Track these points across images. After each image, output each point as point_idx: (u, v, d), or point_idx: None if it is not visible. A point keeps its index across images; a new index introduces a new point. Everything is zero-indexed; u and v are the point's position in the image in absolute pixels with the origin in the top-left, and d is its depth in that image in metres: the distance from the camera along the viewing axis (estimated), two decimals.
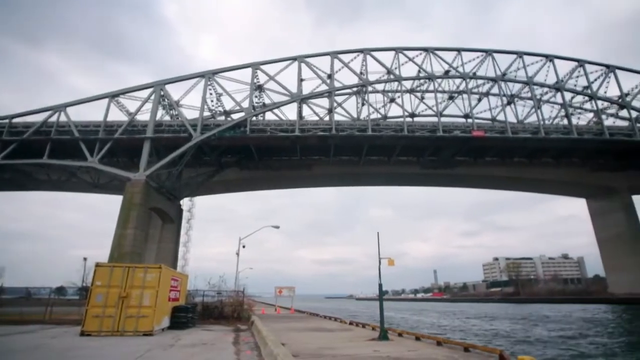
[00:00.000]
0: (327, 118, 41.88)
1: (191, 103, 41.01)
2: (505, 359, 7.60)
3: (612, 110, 46.31)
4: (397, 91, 44.37)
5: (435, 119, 42.26)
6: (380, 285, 13.12)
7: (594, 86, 45.89)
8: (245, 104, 40.35)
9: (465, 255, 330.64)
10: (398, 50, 45.12)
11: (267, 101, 42.43)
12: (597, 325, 25.89)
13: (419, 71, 45.08)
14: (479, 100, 46.53)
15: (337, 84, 42.71)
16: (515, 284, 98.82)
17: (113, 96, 39.50)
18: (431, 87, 44.56)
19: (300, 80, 42.35)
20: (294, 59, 43.34)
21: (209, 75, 40.82)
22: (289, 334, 13.82)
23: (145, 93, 39.80)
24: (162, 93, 39.58)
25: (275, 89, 41.38)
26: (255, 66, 42.18)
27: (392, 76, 44.01)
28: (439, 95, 44.12)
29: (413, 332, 13.84)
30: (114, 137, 37.09)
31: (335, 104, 41.90)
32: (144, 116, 39.17)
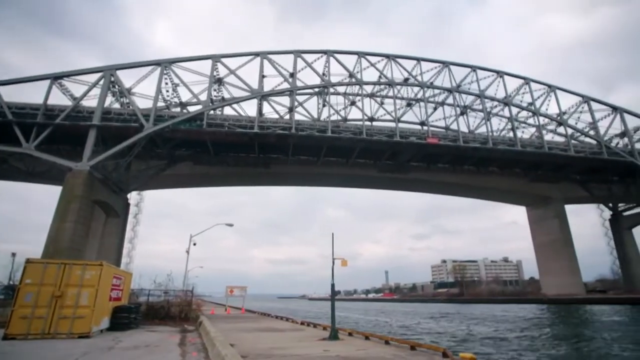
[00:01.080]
0: (287, 117, 41.58)
1: (144, 92, 38.98)
2: (448, 356, 7.99)
3: (551, 127, 50.34)
4: (357, 94, 45.17)
5: (393, 124, 43.51)
6: (332, 286, 13.12)
7: (537, 103, 49.72)
8: (203, 97, 38.98)
9: (416, 256, 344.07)
10: (360, 54, 45.91)
11: (226, 95, 41.32)
12: (532, 323, 27.90)
13: (380, 77, 46.29)
14: (435, 109, 48.51)
15: (299, 83, 42.57)
16: (460, 285, 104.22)
17: (56, 77, 36.39)
18: (391, 93, 45.86)
19: (262, 76, 41.74)
20: (256, 54, 42.62)
21: (165, 64, 38.96)
22: (239, 334, 13.45)
23: (93, 77, 37.11)
24: (112, 79, 37.14)
25: (236, 83, 40.49)
26: (215, 58, 40.91)
27: (353, 79, 44.69)
28: (398, 101, 45.52)
29: (363, 331, 13.98)
30: (55, 122, 34.14)
31: (296, 103, 41.73)
32: (90, 102, 36.55)
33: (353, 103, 45.83)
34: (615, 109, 52.59)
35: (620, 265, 61.38)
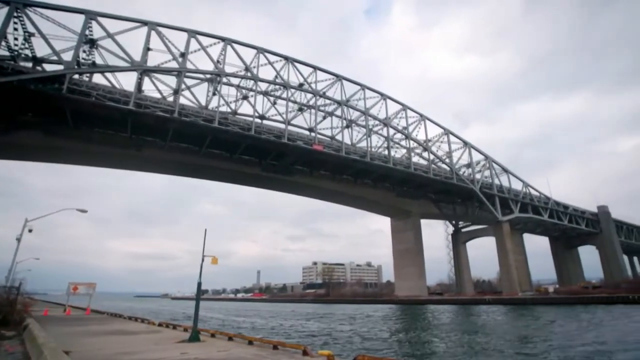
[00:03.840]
0: (171, 99, 38.25)
1: None
2: (307, 354, 8.50)
3: (418, 151, 57.78)
4: (251, 90, 44.21)
5: (282, 126, 43.91)
6: (199, 284, 12.67)
7: (410, 128, 56.56)
8: (68, 57, 32.97)
9: (291, 258, 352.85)
10: (260, 50, 45.18)
11: (98, 61, 35.90)
12: (386, 322, 31.14)
13: (276, 77, 46.30)
14: (324, 117, 50.81)
15: (189, 66, 39.61)
16: (327, 287, 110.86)
17: None
18: (284, 95, 46.34)
19: (147, 49, 37.71)
20: (144, 22, 38.32)
21: (17, 5, 31.61)
22: (80, 339, 11.96)
23: None
24: None
25: (113, 49, 35.49)
26: (91, 15, 35.20)
27: (249, 74, 43.60)
28: (290, 104, 46.20)
29: (226, 332, 13.72)
30: None
31: (183, 86, 38.68)
32: None
33: (245, 97, 44.61)
34: (465, 143, 63.23)
35: (455, 273, 74.20)
